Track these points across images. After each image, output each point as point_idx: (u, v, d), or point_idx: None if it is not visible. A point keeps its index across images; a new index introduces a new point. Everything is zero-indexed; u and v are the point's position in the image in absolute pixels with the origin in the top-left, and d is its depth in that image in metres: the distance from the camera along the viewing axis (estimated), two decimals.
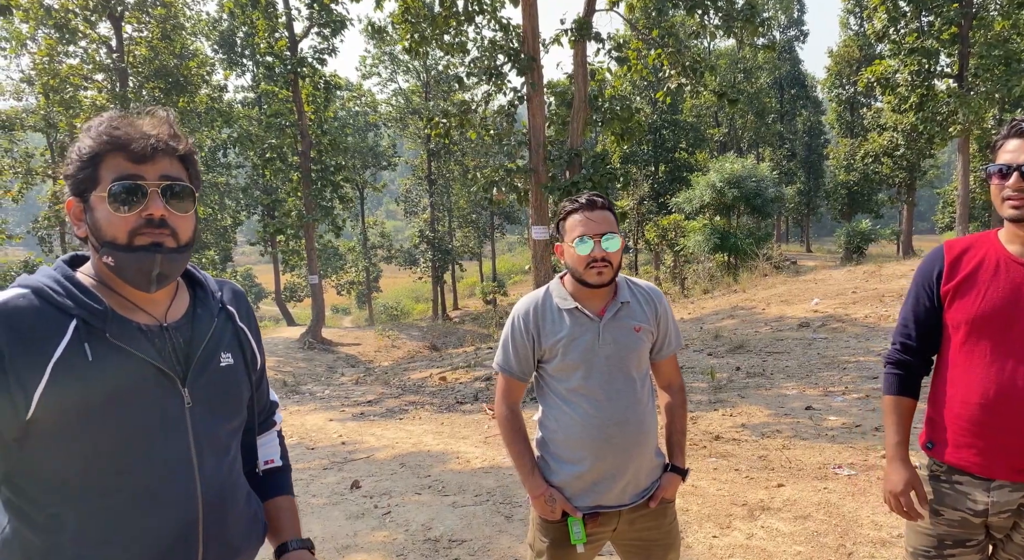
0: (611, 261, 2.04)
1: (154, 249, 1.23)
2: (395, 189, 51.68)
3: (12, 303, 1.18)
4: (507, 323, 2.18)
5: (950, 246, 1.93)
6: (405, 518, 4.56)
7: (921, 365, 2.02)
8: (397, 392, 11.22)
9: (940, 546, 1.88)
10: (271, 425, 1.63)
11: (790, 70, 41.49)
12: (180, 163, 1.30)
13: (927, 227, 56.92)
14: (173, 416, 1.27)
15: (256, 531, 1.46)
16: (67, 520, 1.21)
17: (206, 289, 1.44)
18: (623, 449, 2.05)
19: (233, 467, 1.41)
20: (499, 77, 11.20)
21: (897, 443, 2.00)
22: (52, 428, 1.17)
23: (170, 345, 1.30)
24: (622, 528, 2.12)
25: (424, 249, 33.60)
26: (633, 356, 2.08)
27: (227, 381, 1.38)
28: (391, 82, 35.11)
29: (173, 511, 1.26)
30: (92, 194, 1.24)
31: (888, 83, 20.07)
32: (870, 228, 26.13)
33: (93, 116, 8.41)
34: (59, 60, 17.48)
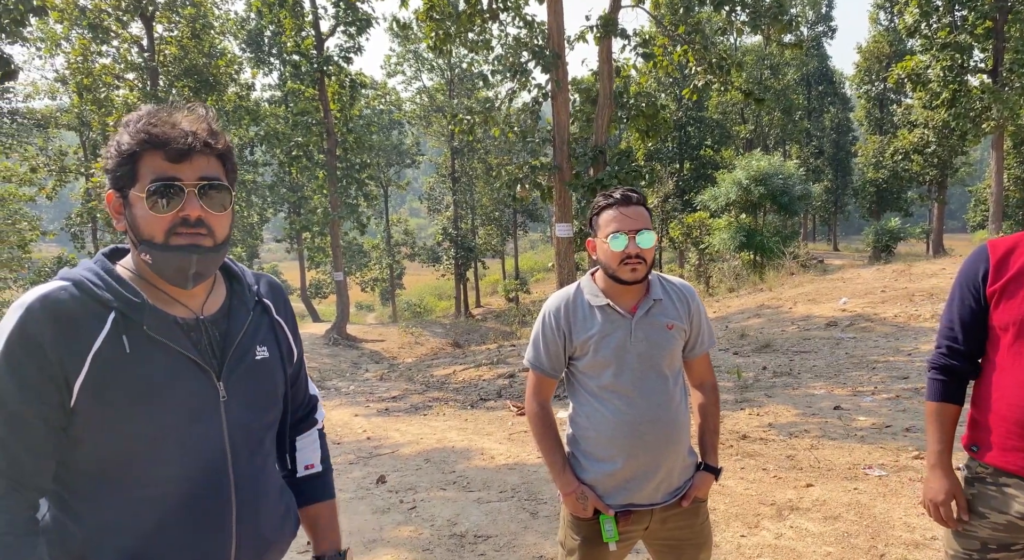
0: (645, 258, 2.01)
1: (191, 250, 1.24)
2: (418, 187, 51.91)
3: (53, 296, 1.19)
4: (538, 319, 2.16)
5: (994, 246, 1.88)
6: (430, 513, 4.58)
7: (967, 369, 1.95)
8: (421, 388, 11.27)
9: (983, 550, 1.84)
10: (312, 424, 1.61)
11: (818, 66, 40.87)
12: (218, 160, 1.29)
13: (958, 225, 55.81)
14: (208, 409, 1.28)
15: (289, 525, 1.46)
16: (104, 509, 1.23)
17: (243, 283, 1.44)
18: (655, 447, 2.03)
19: (267, 461, 1.42)
20: (524, 74, 11.18)
21: (939, 451, 1.96)
22: (91, 418, 1.19)
23: (206, 338, 1.31)
24: (654, 527, 2.10)
25: (447, 247, 33.70)
26: (665, 354, 2.06)
27: (262, 374, 1.38)
28: (415, 80, 35.24)
29: (207, 503, 1.27)
30: (131, 191, 1.25)
31: (919, 79, 19.69)
32: (899, 226, 25.69)
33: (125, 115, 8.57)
34: (92, 60, 17.80)
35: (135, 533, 1.23)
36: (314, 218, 20.60)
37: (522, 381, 10.89)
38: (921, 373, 7.48)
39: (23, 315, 1.17)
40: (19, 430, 1.16)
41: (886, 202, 33.28)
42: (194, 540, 1.26)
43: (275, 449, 1.48)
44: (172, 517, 1.25)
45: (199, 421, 1.27)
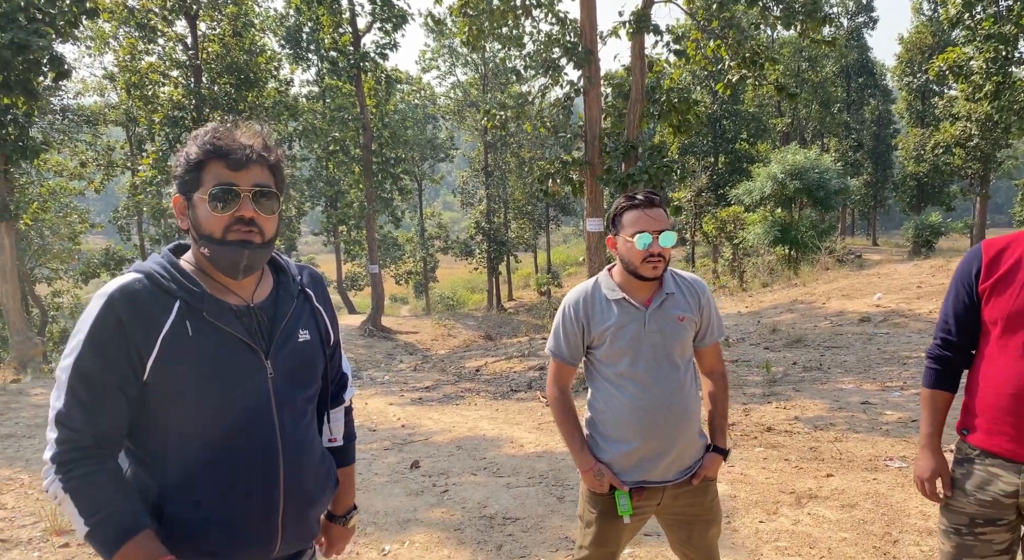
0: (665, 256, 2.20)
1: (243, 245, 1.46)
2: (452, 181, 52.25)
3: (130, 286, 1.43)
4: (559, 311, 2.36)
5: (988, 245, 2.02)
6: (462, 496, 4.79)
7: (960, 359, 2.11)
8: (453, 379, 11.52)
9: (971, 524, 1.99)
10: (340, 401, 1.84)
11: (858, 58, 40.02)
12: (269, 171, 1.52)
13: (1004, 220, 54.22)
14: (258, 384, 1.50)
15: (329, 485, 1.70)
16: (175, 467, 1.46)
17: (288, 274, 1.67)
18: (668, 430, 2.20)
19: (309, 428, 1.64)
20: (556, 70, 11.30)
21: (929, 434, 2.14)
22: (161, 391, 1.43)
23: (256, 323, 1.54)
24: (666, 502, 2.28)
25: (480, 240, 33.97)
26: (677, 344, 2.24)
27: (304, 355, 1.60)
28: (450, 75, 35.51)
29: (261, 462, 1.50)
30: (195, 194, 1.48)
31: (962, 71, 19.24)
32: (940, 221, 25.15)
33: (171, 111, 9.09)
34: (139, 58, 18.41)
35: (201, 487, 1.46)
36: (350, 212, 21.00)
37: None
38: None
39: (106, 302, 1.41)
40: (101, 397, 1.40)
41: (927, 196, 32.56)
42: (251, 494, 1.49)
43: (315, 419, 1.70)
44: (232, 474, 1.48)
45: (252, 394, 1.49)
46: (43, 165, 19.95)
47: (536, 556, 3.74)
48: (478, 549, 3.89)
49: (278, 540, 1.54)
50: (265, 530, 1.52)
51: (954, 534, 2.03)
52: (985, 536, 1.97)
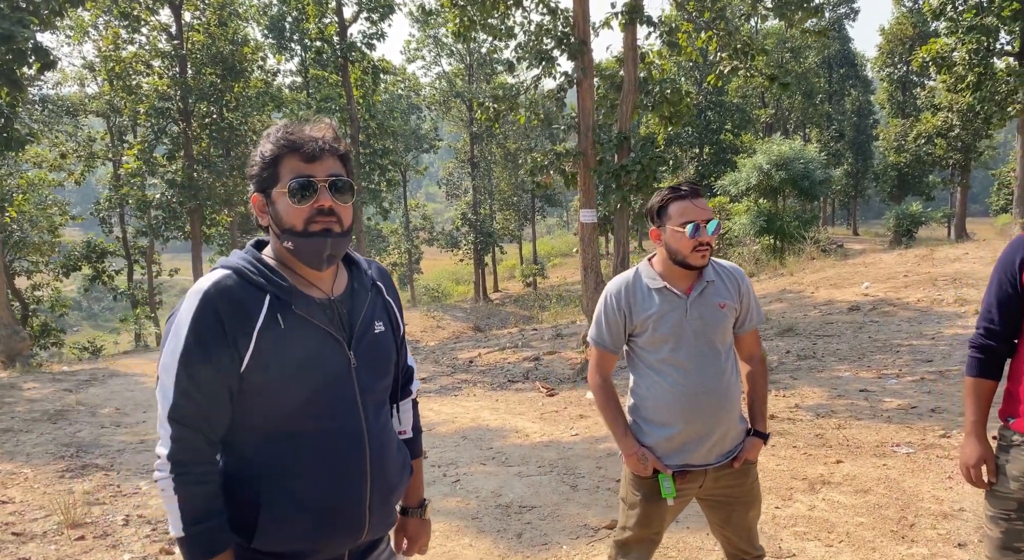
0: (712, 245, 2.26)
1: (325, 234, 1.49)
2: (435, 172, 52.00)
3: (223, 282, 1.45)
4: (600, 301, 2.41)
5: None
6: (474, 486, 4.82)
7: (1003, 348, 2.16)
8: (449, 370, 11.53)
9: (1020, 509, 2.04)
10: (408, 393, 1.87)
11: (839, 49, 40.35)
12: (339, 161, 1.55)
13: (980, 209, 55.16)
14: (344, 373, 1.54)
15: (406, 474, 1.73)
16: (271, 457, 1.48)
17: (360, 268, 1.70)
18: (710, 414, 2.26)
19: (387, 418, 1.68)
20: (549, 61, 11.28)
21: (975, 421, 2.18)
22: (258, 382, 1.45)
23: (337, 315, 1.57)
24: (707, 485, 2.34)
25: (466, 231, 33.92)
26: (718, 330, 2.29)
27: (381, 345, 1.64)
28: (435, 65, 35.32)
29: (350, 450, 1.53)
30: (273, 190, 1.50)
31: (944, 62, 19.51)
32: (921, 211, 25.53)
33: (156, 101, 9.05)
34: (123, 47, 18.08)
35: (295, 476, 1.49)
36: None
37: (547, 364, 11.12)
38: (945, 357, 7.61)
39: (203, 298, 1.43)
40: (210, 394, 1.43)
41: (908, 186, 33.01)
42: (341, 482, 1.52)
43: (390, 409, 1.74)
44: (324, 463, 1.50)
45: (339, 384, 1.53)
46: (20, 156, 19.59)
47: (557, 543, 3.78)
48: (498, 537, 3.92)
49: (366, 525, 1.57)
50: (356, 515, 1.55)
51: (1003, 520, 2.07)
52: None
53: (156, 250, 25.27)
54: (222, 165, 19.70)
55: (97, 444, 6.36)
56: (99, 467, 5.60)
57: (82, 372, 11.07)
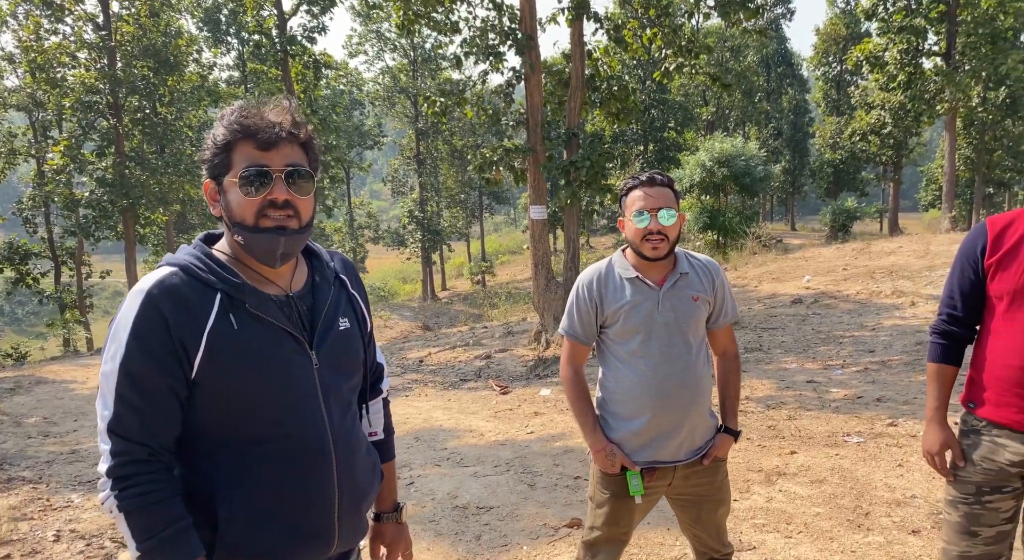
0: (667, 235, 2.17)
1: (278, 232, 1.37)
2: (379, 169, 51.35)
3: (168, 280, 1.32)
4: (572, 292, 2.33)
5: (993, 222, 2.08)
6: (429, 488, 4.70)
7: (965, 335, 2.17)
8: (398, 370, 11.33)
9: (978, 493, 2.05)
10: (378, 392, 1.76)
11: (777, 48, 41.52)
12: (301, 149, 1.42)
13: (910, 205, 57.58)
14: (305, 375, 1.42)
15: (376, 479, 1.62)
16: (226, 466, 1.36)
17: (322, 260, 1.58)
18: (679, 408, 2.20)
19: (355, 420, 1.57)
20: (496, 56, 11.19)
21: (936, 407, 2.19)
22: (210, 388, 1.33)
23: (297, 313, 1.45)
24: (677, 483, 2.28)
25: (413, 229, 33.56)
26: (691, 323, 2.23)
27: (346, 343, 1.52)
28: (378, 60, 34.82)
29: (314, 456, 1.41)
30: (225, 178, 1.38)
31: (877, 61, 20.22)
32: (855, 206, 26.45)
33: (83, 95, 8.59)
34: (46, 38, 17.15)
35: (255, 487, 1.37)
36: None
37: (499, 361, 11.03)
38: (886, 347, 7.84)
39: (145, 299, 1.30)
40: (155, 403, 1.31)
41: (843, 182, 34.17)
42: (306, 491, 1.41)
43: (358, 411, 1.62)
44: (286, 472, 1.39)
45: (299, 386, 1.41)
46: None
47: (517, 543, 3.70)
48: (456, 540, 3.81)
49: (335, 535, 1.47)
50: (323, 524, 1.45)
51: (962, 504, 2.08)
52: (992, 504, 2.03)
53: (86, 251, 24.13)
54: (156, 162, 18.91)
55: (23, 456, 5.98)
56: (26, 480, 5.25)
57: (6, 380, 10.44)
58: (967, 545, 2.06)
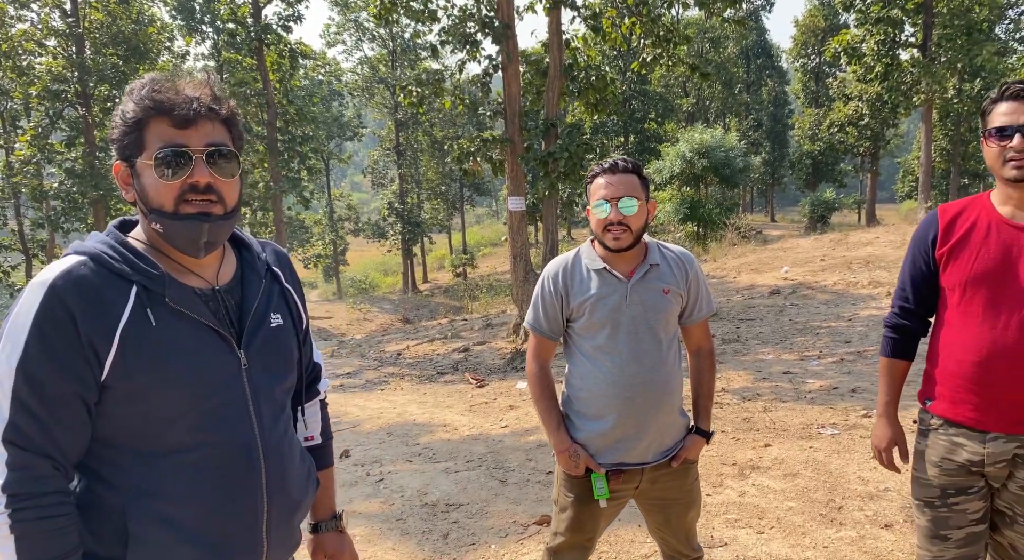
0: (628, 225, 2.05)
1: (201, 218, 1.25)
2: (359, 161, 50.90)
3: (76, 272, 1.19)
4: (538, 284, 2.21)
5: (944, 211, 1.99)
6: (399, 485, 4.60)
7: (918, 327, 2.09)
8: (375, 364, 11.20)
9: (943, 496, 1.95)
10: (315, 394, 1.65)
11: (756, 40, 41.59)
12: (223, 126, 1.30)
13: (887, 196, 58.14)
14: (232, 376, 1.30)
15: (311, 487, 1.50)
16: (140, 478, 1.24)
17: (252, 251, 1.45)
18: (646, 408, 2.08)
19: (288, 424, 1.45)
20: (473, 45, 11.04)
21: (886, 402, 2.12)
22: (124, 392, 1.20)
23: (223, 308, 1.33)
24: (644, 486, 2.17)
25: (393, 221, 33.29)
26: (660, 317, 2.11)
27: (279, 341, 1.41)
28: (356, 50, 34.41)
29: (239, 467, 1.29)
30: (138, 160, 1.24)
31: (855, 53, 20.29)
32: (834, 197, 26.61)
33: (50, 83, 8.28)
34: (11, 25, 16.69)
35: (172, 500, 1.24)
36: (255, 193, 20.02)
37: (477, 354, 10.94)
38: (862, 338, 7.84)
39: (48, 293, 1.16)
40: (58, 410, 1.17)
41: (821, 174, 34.37)
42: (230, 503, 1.29)
43: (292, 414, 1.50)
44: (208, 483, 1.26)
45: (225, 388, 1.29)
46: None
47: (485, 542, 3.61)
48: (424, 539, 3.71)
49: (264, 552, 1.35)
50: (250, 541, 1.32)
51: (927, 507, 1.99)
52: (958, 506, 1.94)
53: (58, 244, 23.66)
54: None
55: None
56: None
57: None
58: (938, 550, 1.97)
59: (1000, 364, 1.81)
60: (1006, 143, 1.79)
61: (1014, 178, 1.80)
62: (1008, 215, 1.86)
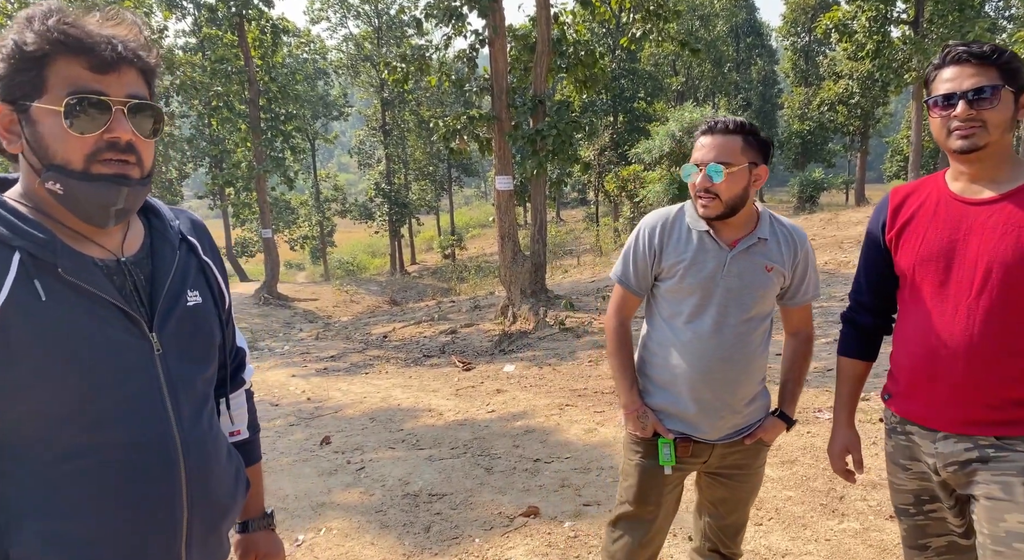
0: (718, 193, 1.86)
1: (119, 181, 1.05)
2: (347, 141, 50.27)
3: None
4: (632, 234, 2.07)
5: (895, 192, 1.81)
6: (380, 473, 4.42)
7: (874, 323, 1.90)
8: (360, 347, 10.99)
9: (917, 502, 1.78)
10: (240, 383, 1.45)
11: (746, 18, 41.22)
12: (142, 78, 1.10)
13: (875, 176, 58.23)
14: (142, 363, 1.09)
15: (241, 487, 1.31)
16: (24, 488, 1.02)
17: (163, 218, 1.23)
18: (722, 386, 1.95)
19: (212, 418, 1.24)
20: (459, 19, 10.73)
21: (840, 405, 1.96)
22: (5, 383, 0.98)
23: (130, 283, 1.12)
24: (712, 462, 2.05)
25: (380, 202, 32.88)
26: (756, 294, 1.94)
27: (197, 322, 1.20)
28: (341, 27, 33.75)
29: (152, 471, 1.08)
30: (35, 103, 1.02)
31: (846, 29, 20.05)
32: (823, 177, 26.52)
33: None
34: None
35: (66, 516, 1.03)
36: (238, 173, 19.62)
37: (464, 337, 10.75)
38: None
39: None
40: None
41: (810, 153, 34.24)
42: (141, 516, 1.07)
43: (216, 407, 1.30)
44: (111, 493, 1.05)
45: (133, 377, 1.08)
46: None
47: (468, 536, 3.43)
48: (404, 532, 3.53)
49: None
50: (166, 557, 1.12)
51: (903, 516, 1.81)
52: (935, 513, 1.75)
53: None
54: None
55: None
56: None
57: None
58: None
59: (945, 355, 1.61)
60: (950, 112, 1.58)
61: (959, 149, 1.58)
62: (959, 191, 1.65)
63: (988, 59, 1.55)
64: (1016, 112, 1.57)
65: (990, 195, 1.60)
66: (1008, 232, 1.55)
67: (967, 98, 1.55)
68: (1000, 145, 1.58)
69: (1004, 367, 1.56)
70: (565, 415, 5.37)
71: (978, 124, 1.55)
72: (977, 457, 1.60)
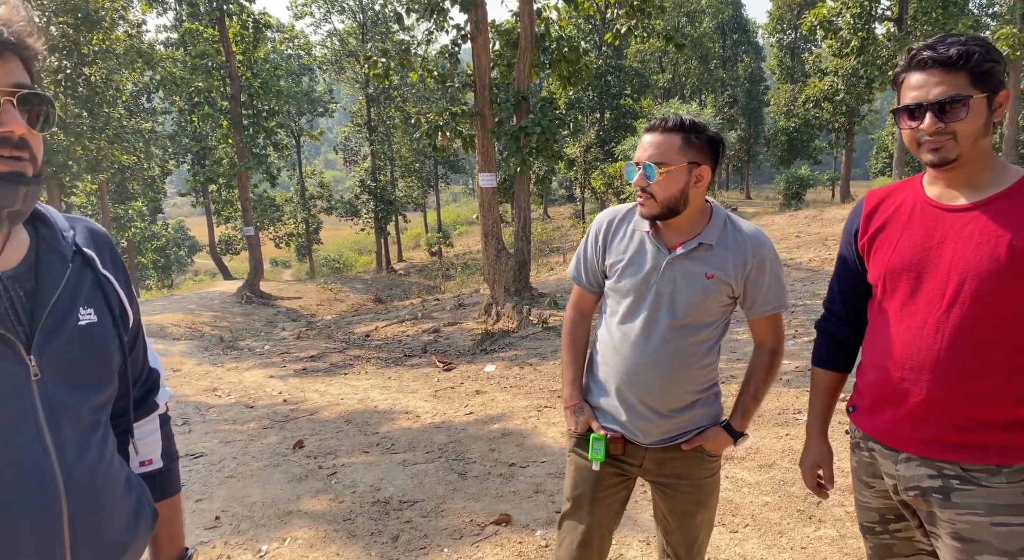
0: (652, 193, 1.79)
1: (14, 179, 0.95)
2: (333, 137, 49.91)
3: None
4: (588, 230, 2.06)
5: (869, 197, 1.71)
6: (351, 479, 4.31)
7: (848, 334, 1.80)
8: (341, 346, 10.86)
9: (882, 521, 1.68)
10: (151, 408, 1.32)
11: (732, 15, 41.26)
12: (23, 66, 0.99)
13: (860, 173, 58.61)
14: (15, 391, 0.97)
15: (144, 521, 1.18)
16: None
17: (52, 227, 1.11)
18: (645, 390, 1.88)
19: (104, 447, 1.11)
20: (441, 13, 10.60)
21: (811, 419, 1.88)
22: None
23: (6, 300, 1.00)
24: (648, 466, 1.97)
25: (366, 200, 32.64)
26: (692, 302, 1.84)
27: (90, 343, 1.08)
28: (325, 22, 33.46)
29: (26, 508, 0.96)
30: None
31: (831, 26, 20.08)
32: (809, 174, 26.57)
33: None
34: None
35: None
36: (220, 169, 19.35)
37: (447, 336, 10.64)
38: None
39: None
40: None
41: (796, 150, 34.32)
42: (8, 558, 0.96)
43: (113, 435, 1.17)
44: None
45: (4, 406, 0.96)
46: None
47: (437, 545, 3.33)
48: (371, 542, 3.42)
49: None
50: None
51: (869, 533, 1.72)
52: (901, 533, 1.66)
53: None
54: (83, 127, 17.74)
55: None
56: None
57: None
58: None
59: (911, 371, 1.52)
60: (917, 124, 1.46)
61: (930, 163, 1.49)
62: (935, 196, 1.55)
63: (955, 66, 1.42)
64: (990, 116, 1.45)
65: (967, 202, 1.50)
66: (984, 241, 1.45)
67: (934, 110, 1.43)
68: (975, 152, 1.47)
69: (973, 386, 1.46)
70: (543, 417, 5.27)
71: (948, 136, 1.44)
72: (940, 486, 1.50)
